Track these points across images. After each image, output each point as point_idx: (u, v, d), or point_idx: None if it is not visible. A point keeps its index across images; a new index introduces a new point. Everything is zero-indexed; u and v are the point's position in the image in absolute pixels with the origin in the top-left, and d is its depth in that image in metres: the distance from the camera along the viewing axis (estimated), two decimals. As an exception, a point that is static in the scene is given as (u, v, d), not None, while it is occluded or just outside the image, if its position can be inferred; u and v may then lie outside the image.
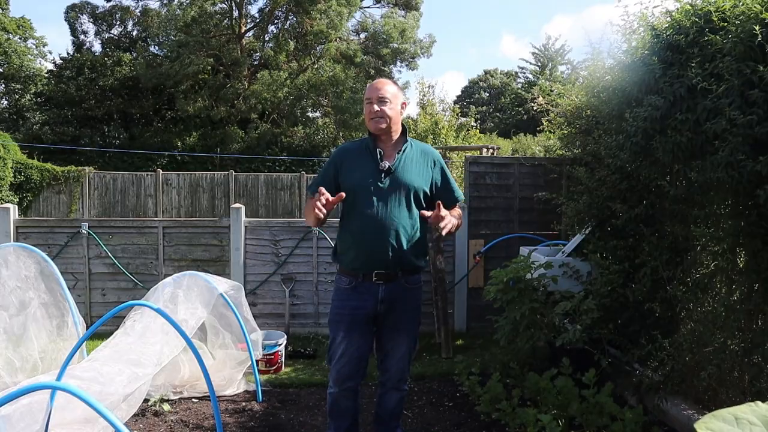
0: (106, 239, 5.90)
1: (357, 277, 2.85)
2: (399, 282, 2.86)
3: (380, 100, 2.84)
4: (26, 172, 15.24)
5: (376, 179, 2.82)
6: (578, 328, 3.72)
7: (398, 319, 2.91)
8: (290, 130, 22.05)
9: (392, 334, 2.94)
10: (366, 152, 2.90)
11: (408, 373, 3.06)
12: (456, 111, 13.51)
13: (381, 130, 2.86)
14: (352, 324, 2.87)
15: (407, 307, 2.92)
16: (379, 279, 2.83)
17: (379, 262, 2.81)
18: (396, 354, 2.96)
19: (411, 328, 2.97)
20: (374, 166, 2.84)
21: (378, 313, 2.88)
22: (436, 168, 2.94)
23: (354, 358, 2.90)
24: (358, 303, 2.85)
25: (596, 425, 3.23)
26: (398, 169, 2.84)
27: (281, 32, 22.25)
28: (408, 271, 2.89)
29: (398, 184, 2.82)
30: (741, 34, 2.66)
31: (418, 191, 2.85)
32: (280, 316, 5.86)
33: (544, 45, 35.30)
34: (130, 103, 22.00)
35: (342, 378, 2.93)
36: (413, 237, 2.85)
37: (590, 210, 4.23)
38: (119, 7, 23.55)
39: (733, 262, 3.15)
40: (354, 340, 2.88)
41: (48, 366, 3.92)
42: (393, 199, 2.80)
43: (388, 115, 2.84)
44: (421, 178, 2.87)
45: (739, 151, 2.63)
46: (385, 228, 2.77)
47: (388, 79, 3.01)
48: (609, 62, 4.25)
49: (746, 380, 3.08)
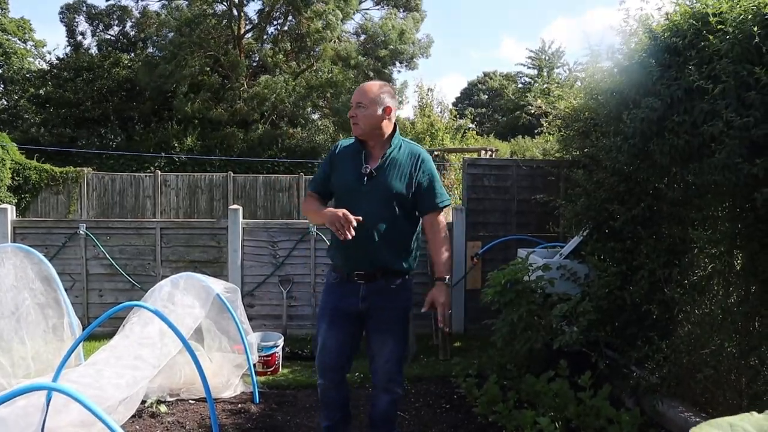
0: (104, 240, 5.89)
1: (342, 274, 2.93)
2: (379, 282, 2.88)
3: (357, 105, 2.87)
4: (24, 172, 15.21)
5: (359, 182, 2.85)
6: (575, 330, 3.71)
7: (381, 319, 2.92)
8: (289, 132, 22.05)
9: (377, 335, 2.95)
10: (356, 154, 2.93)
11: (399, 376, 3.02)
12: (454, 113, 13.52)
13: (358, 134, 2.90)
14: (334, 317, 2.94)
15: (390, 307, 2.91)
16: (359, 278, 2.88)
17: (359, 262, 2.87)
18: (382, 355, 2.95)
19: (395, 330, 2.95)
20: (359, 169, 2.87)
21: (361, 312, 2.91)
22: (421, 171, 2.91)
23: (334, 350, 2.95)
24: (342, 298, 2.93)
25: (593, 428, 3.23)
26: (381, 172, 2.85)
27: (280, 33, 22.25)
28: (389, 273, 2.89)
29: (379, 187, 2.84)
30: (738, 35, 2.65)
31: (398, 195, 2.85)
32: (277, 317, 5.85)
33: (540, 48, 35.43)
34: (128, 104, 21.97)
35: (323, 369, 3.00)
36: (394, 239, 2.86)
37: (588, 212, 4.22)
38: (117, 6, 23.49)
39: (731, 265, 3.15)
40: (334, 332, 2.94)
41: (43, 368, 3.90)
42: (374, 202, 2.82)
43: (361, 119, 2.86)
44: (401, 182, 2.86)
45: (736, 154, 2.62)
46: (364, 231, 2.78)
47: (378, 83, 2.99)
48: (607, 64, 4.25)
49: (743, 382, 3.08)
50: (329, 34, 20.76)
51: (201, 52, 20.92)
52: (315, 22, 20.62)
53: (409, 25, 22.69)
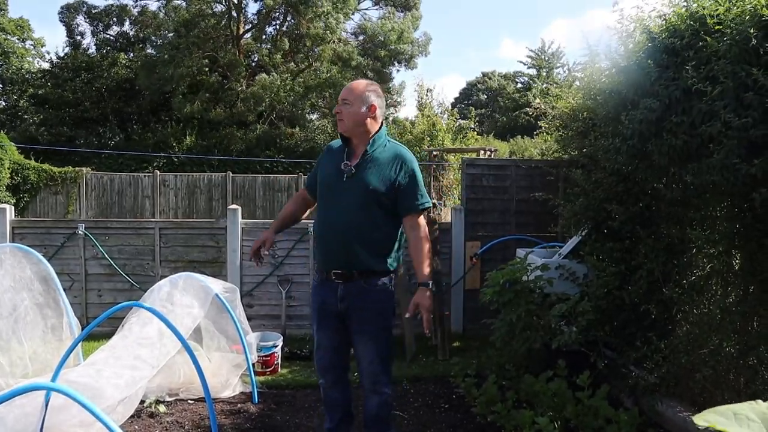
0: (103, 240, 5.89)
1: (321, 274, 2.96)
2: (356, 282, 2.86)
3: (343, 102, 2.89)
4: (23, 172, 15.20)
5: (338, 179, 2.86)
6: (574, 330, 3.72)
7: (360, 320, 2.90)
8: (288, 132, 22.03)
9: (358, 336, 2.94)
10: (341, 152, 2.94)
11: (385, 376, 2.97)
12: (454, 114, 13.51)
13: (342, 130, 2.92)
14: (321, 317, 2.97)
15: (368, 307, 2.88)
16: (337, 278, 2.88)
17: (335, 261, 2.88)
18: (365, 356, 2.93)
19: (374, 331, 2.91)
20: (340, 165, 2.88)
21: (340, 311, 2.90)
22: (402, 172, 2.87)
23: (329, 350, 2.98)
24: (324, 298, 2.94)
25: (591, 427, 3.23)
26: (360, 170, 2.85)
27: (279, 34, 22.23)
28: (365, 273, 2.86)
29: (358, 185, 2.83)
30: (736, 36, 2.66)
31: (376, 194, 2.82)
32: (276, 317, 5.85)
33: (540, 48, 35.46)
34: (127, 104, 21.93)
35: (321, 369, 3.04)
36: (370, 239, 2.83)
37: (587, 212, 4.23)
38: (116, 6, 23.44)
39: (729, 265, 3.16)
40: (324, 331, 2.97)
41: (41, 369, 3.89)
42: (351, 199, 2.83)
43: (346, 116, 2.87)
44: (380, 181, 2.84)
45: (735, 154, 2.63)
46: (339, 228, 2.81)
47: (365, 81, 2.99)
48: (605, 65, 4.26)
49: (742, 382, 3.09)
50: (329, 35, 20.74)
51: (200, 52, 20.88)
52: (315, 23, 20.60)
53: (408, 25, 22.67)
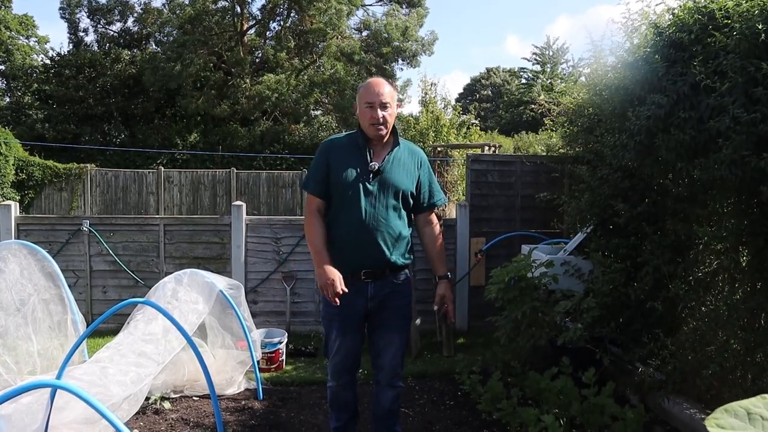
0: (108, 237, 5.90)
1: (346, 276, 2.78)
2: (388, 279, 2.88)
3: (383, 106, 2.79)
4: (28, 169, 15.25)
5: (365, 180, 2.81)
6: (579, 326, 3.70)
7: (389, 316, 2.93)
8: (292, 128, 22.02)
9: (384, 332, 2.95)
10: (356, 150, 2.88)
11: (401, 369, 3.06)
12: (458, 109, 13.47)
13: (384, 134, 2.84)
14: (344, 322, 2.90)
15: (398, 303, 2.93)
16: (367, 277, 2.85)
17: (368, 261, 2.83)
18: (389, 351, 2.96)
19: (402, 325, 2.99)
20: (364, 166, 2.83)
21: (369, 311, 2.90)
22: (422, 169, 2.95)
23: (350, 353, 2.95)
24: (348, 301, 2.80)
25: (597, 425, 3.22)
26: (387, 170, 2.83)
27: (283, 30, 22.20)
28: (395, 269, 2.91)
29: (386, 185, 2.82)
30: (745, 31, 2.64)
31: (405, 192, 2.86)
32: (281, 314, 5.85)
33: (545, 45, 35.32)
34: (131, 101, 21.95)
35: (339, 372, 3.00)
36: (400, 237, 2.87)
37: (592, 208, 4.21)
38: (119, 1, 23.39)
39: (736, 261, 3.13)
40: (348, 336, 2.92)
41: (48, 365, 3.91)
42: (381, 200, 2.81)
43: (389, 121, 2.84)
44: (408, 180, 2.88)
45: (743, 149, 2.61)
46: (373, 230, 2.78)
47: (383, 78, 2.97)
48: (611, 60, 4.23)
49: (749, 379, 3.07)
50: (332, 31, 20.70)
51: (204, 49, 20.88)
52: (319, 19, 20.55)
53: (413, 22, 22.59)
